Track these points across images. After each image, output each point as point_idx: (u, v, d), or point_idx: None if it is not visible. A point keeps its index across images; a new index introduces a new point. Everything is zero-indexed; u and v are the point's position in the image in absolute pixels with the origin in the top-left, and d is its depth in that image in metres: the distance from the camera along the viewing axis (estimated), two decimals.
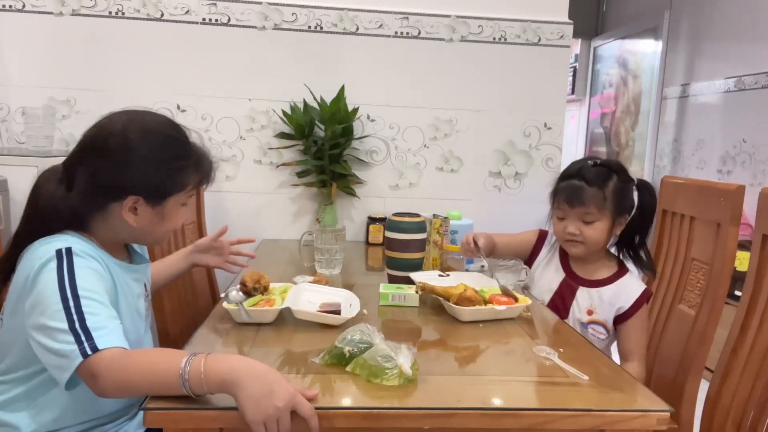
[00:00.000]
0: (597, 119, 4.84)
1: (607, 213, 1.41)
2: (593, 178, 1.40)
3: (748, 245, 1.32)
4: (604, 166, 1.43)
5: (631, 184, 1.45)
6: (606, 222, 1.42)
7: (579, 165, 1.45)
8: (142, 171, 1.00)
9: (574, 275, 1.50)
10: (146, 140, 1.01)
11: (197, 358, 0.83)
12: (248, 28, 2.19)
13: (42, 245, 0.96)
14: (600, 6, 4.87)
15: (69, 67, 2.15)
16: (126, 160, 0.99)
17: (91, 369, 0.84)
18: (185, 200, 1.09)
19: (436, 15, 2.24)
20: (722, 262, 1.33)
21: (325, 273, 1.63)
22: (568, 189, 1.43)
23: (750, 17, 3.20)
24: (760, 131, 3.08)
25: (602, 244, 1.45)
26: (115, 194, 1.00)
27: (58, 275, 0.90)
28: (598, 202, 1.40)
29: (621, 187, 1.42)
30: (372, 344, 0.97)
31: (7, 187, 1.70)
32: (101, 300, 0.92)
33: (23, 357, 0.97)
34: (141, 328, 1.13)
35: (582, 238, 1.43)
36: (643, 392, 0.95)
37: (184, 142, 1.07)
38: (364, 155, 2.29)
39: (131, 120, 1.03)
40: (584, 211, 1.41)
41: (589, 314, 1.45)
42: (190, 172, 1.06)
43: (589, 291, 1.46)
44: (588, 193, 1.40)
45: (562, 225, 1.46)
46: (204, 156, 1.09)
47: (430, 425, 0.86)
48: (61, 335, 0.86)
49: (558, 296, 1.49)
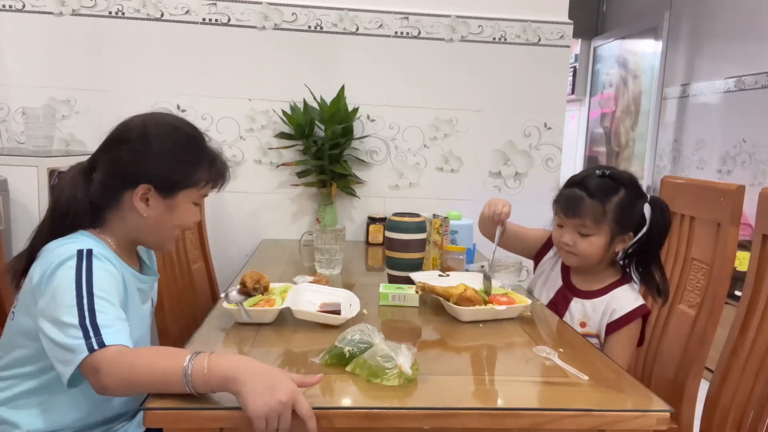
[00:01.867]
0: (597, 119, 4.84)
1: (605, 228, 1.34)
2: (595, 190, 1.33)
3: (748, 245, 1.32)
4: (612, 179, 1.34)
5: (641, 200, 1.36)
6: (603, 237, 1.34)
7: (585, 173, 1.39)
8: (156, 161, 1.04)
9: (571, 285, 1.45)
10: (163, 133, 1.06)
11: (200, 357, 0.84)
12: (248, 28, 2.19)
13: (63, 244, 0.98)
14: (600, 6, 4.87)
15: (69, 67, 2.15)
16: (142, 150, 1.04)
17: (95, 363, 0.85)
18: (197, 199, 1.10)
19: (436, 15, 2.24)
20: (722, 262, 1.33)
21: (325, 273, 1.63)
22: (567, 197, 1.37)
23: (750, 17, 3.20)
24: (760, 131, 3.08)
25: (597, 259, 1.38)
26: (129, 182, 1.03)
27: (76, 273, 0.92)
28: (595, 215, 1.33)
29: (627, 202, 1.33)
30: (372, 344, 0.97)
31: (7, 187, 1.70)
32: (113, 301, 0.94)
33: (36, 351, 0.98)
34: (145, 336, 1.14)
35: (575, 249, 1.37)
36: (643, 392, 0.95)
37: (200, 140, 1.11)
38: (364, 155, 2.29)
39: (151, 116, 1.09)
40: (580, 222, 1.35)
41: (582, 326, 1.40)
42: (203, 170, 1.09)
43: (584, 302, 1.41)
44: (586, 205, 1.33)
45: (559, 233, 1.41)
46: (218, 158, 1.12)
47: (430, 425, 0.86)
48: (71, 330, 0.87)
49: (552, 304, 1.45)
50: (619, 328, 1.35)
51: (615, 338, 1.36)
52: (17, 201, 1.71)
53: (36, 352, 0.97)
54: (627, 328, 1.35)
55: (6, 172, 1.71)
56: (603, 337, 1.38)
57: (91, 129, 2.17)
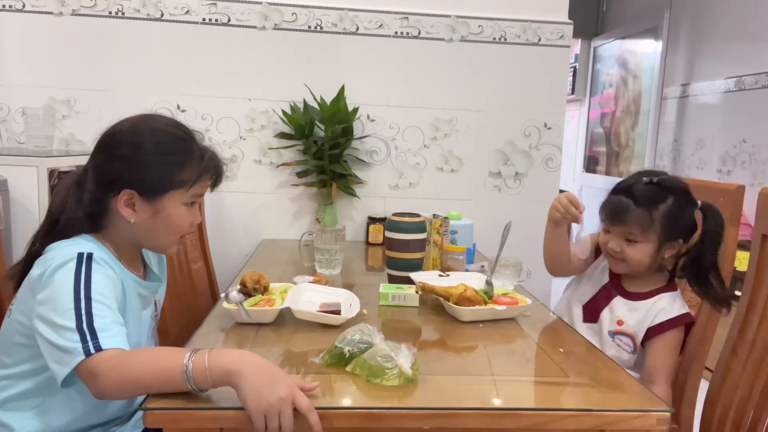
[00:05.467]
0: (597, 119, 4.84)
1: (653, 236, 1.30)
2: (642, 198, 1.30)
3: (748, 245, 1.32)
4: (660, 186, 1.31)
5: (691, 207, 1.31)
6: (651, 245, 1.31)
7: (632, 180, 1.34)
8: (135, 165, 1.02)
9: (618, 283, 1.41)
10: (141, 136, 1.04)
11: (200, 353, 0.84)
12: (248, 28, 2.19)
13: (64, 247, 0.98)
14: (600, 6, 4.87)
15: (69, 67, 2.15)
16: (121, 155, 1.03)
17: (92, 368, 0.85)
18: (188, 200, 1.07)
19: (436, 15, 2.24)
20: (722, 262, 1.33)
21: (325, 273, 1.63)
22: (613, 205, 1.34)
23: (750, 17, 3.20)
24: (760, 131, 3.08)
25: (645, 265, 1.34)
26: (112, 189, 1.02)
27: (75, 276, 0.92)
28: (642, 223, 1.29)
29: (675, 210, 1.30)
30: (372, 344, 0.97)
31: (7, 187, 1.70)
32: (111, 305, 0.94)
33: (32, 350, 0.97)
34: (143, 341, 1.13)
35: (623, 256, 1.34)
36: (643, 392, 0.95)
37: (184, 140, 1.07)
38: (364, 155, 2.29)
39: (134, 119, 1.08)
40: (627, 230, 1.32)
41: (619, 324, 1.37)
42: (189, 170, 1.05)
43: (626, 302, 1.38)
44: (633, 213, 1.30)
45: (606, 239, 1.37)
46: (207, 157, 1.08)
47: (430, 425, 0.86)
48: (68, 333, 0.87)
49: (593, 300, 1.42)
50: (660, 333, 1.32)
51: (656, 343, 1.33)
52: (17, 201, 1.71)
53: (32, 351, 0.96)
54: (669, 333, 1.32)
55: (6, 172, 1.71)
56: (639, 339, 1.35)
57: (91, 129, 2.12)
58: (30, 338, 0.95)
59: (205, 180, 1.09)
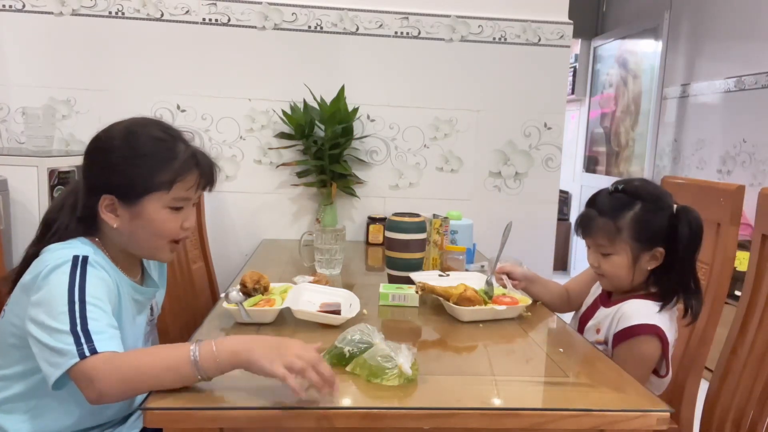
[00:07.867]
0: (597, 119, 4.84)
1: (624, 246, 1.24)
2: (605, 207, 1.26)
3: (748, 245, 1.32)
4: (625, 193, 1.26)
5: (662, 212, 1.24)
6: (624, 256, 1.24)
7: (599, 191, 1.31)
8: (111, 169, 1.02)
9: (605, 294, 1.37)
10: (115, 139, 1.03)
11: (206, 342, 0.86)
12: (248, 28, 2.19)
13: (60, 249, 0.97)
14: (600, 6, 4.87)
15: (69, 67, 2.15)
16: (98, 160, 1.04)
17: (88, 372, 0.84)
18: (170, 203, 1.03)
19: (436, 15, 2.24)
20: (722, 262, 1.33)
21: (325, 273, 1.63)
22: (580, 217, 1.31)
23: (750, 17, 3.20)
24: (760, 131, 3.08)
25: (625, 278, 1.27)
26: (95, 194, 1.02)
27: (69, 279, 0.92)
28: (608, 233, 1.24)
29: (645, 216, 1.23)
30: (372, 344, 0.97)
31: (7, 187, 1.70)
32: (105, 309, 0.93)
33: (25, 351, 0.96)
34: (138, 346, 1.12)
35: (601, 271, 1.29)
36: (643, 392, 0.95)
37: (164, 141, 1.03)
38: (364, 155, 2.29)
39: (117, 123, 1.07)
40: (595, 242, 1.28)
41: (597, 332, 1.31)
42: (169, 172, 1.01)
43: (602, 309, 1.33)
44: (596, 223, 1.26)
45: (588, 254, 1.33)
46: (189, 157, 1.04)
47: (430, 425, 0.86)
48: (62, 336, 0.86)
49: (586, 311, 1.40)
50: (624, 341, 1.22)
51: (620, 350, 1.23)
52: (17, 201, 1.71)
53: (24, 353, 0.95)
54: (635, 342, 1.20)
55: (6, 172, 1.71)
56: (610, 345, 1.29)
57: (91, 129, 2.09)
58: (22, 340, 0.94)
59: (186, 181, 1.04)
